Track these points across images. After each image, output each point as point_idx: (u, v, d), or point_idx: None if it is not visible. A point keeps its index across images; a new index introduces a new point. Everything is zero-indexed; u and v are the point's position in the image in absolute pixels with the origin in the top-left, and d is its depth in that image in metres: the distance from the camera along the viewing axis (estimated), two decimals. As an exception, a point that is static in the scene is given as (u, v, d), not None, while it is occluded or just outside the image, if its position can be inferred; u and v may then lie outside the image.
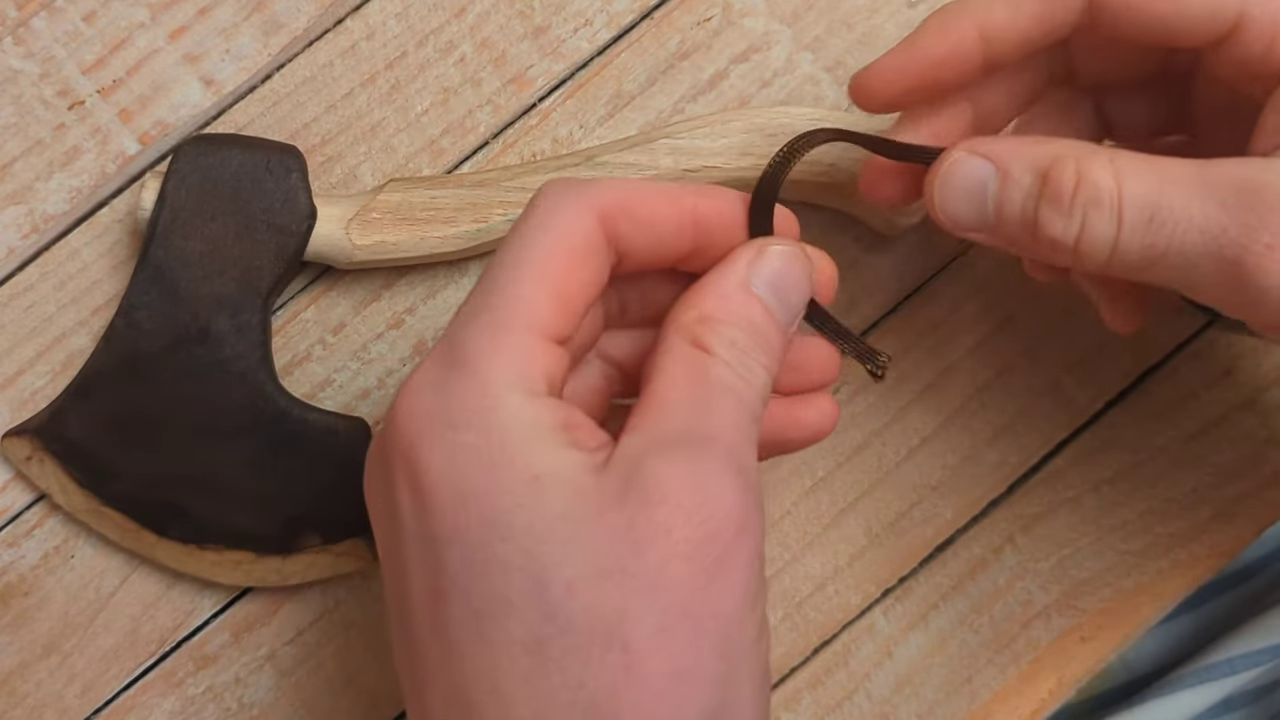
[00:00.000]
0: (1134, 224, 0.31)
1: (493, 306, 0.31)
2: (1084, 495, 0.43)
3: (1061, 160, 0.32)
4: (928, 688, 0.42)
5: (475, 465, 0.29)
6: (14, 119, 0.43)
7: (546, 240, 0.31)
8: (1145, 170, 0.31)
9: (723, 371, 0.31)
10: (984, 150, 0.33)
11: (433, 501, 0.29)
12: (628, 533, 0.28)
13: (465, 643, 0.29)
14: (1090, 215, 0.32)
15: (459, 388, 0.30)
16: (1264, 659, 0.46)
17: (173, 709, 0.42)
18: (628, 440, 0.30)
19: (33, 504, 0.42)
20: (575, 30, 0.44)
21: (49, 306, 0.43)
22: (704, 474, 0.29)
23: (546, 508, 0.29)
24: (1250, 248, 0.30)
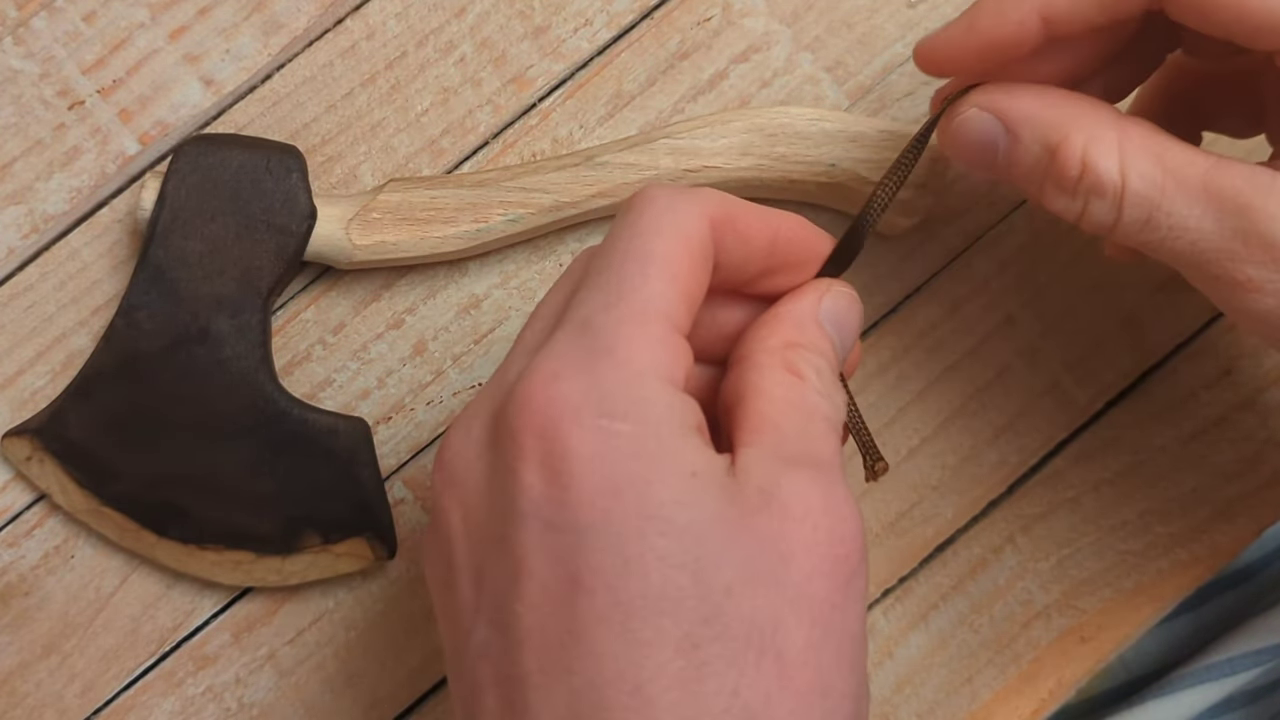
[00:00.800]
0: (1131, 219, 0.32)
1: (629, 298, 0.30)
2: (1084, 495, 0.43)
3: (1071, 140, 0.32)
4: (928, 688, 0.42)
5: (631, 454, 0.28)
6: (14, 119, 0.43)
7: (670, 239, 0.30)
8: (1152, 165, 0.31)
9: (818, 400, 0.31)
10: (999, 106, 0.33)
11: (579, 487, 0.28)
12: (777, 543, 0.28)
13: (606, 640, 0.27)
14: (1092, 202, 0.32)
15: (610, 375, 0.29)
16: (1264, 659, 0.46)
17: (173, 709, 0.42)
18: (750, 454, 0.30)
19: (33, 504, 0.42)
20: (575, 30, 0.44)
21: (49, 306, 0.43)
22: (836, 496, 0.29)
23: (704, 507, 0.28)
24: (1232, 276, 0.31)
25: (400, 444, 0.43)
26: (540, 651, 0.28)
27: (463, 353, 0.43)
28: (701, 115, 0.41)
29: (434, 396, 0.43)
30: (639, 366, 0.29)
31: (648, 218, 0.31)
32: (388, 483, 0.42)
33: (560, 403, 0.28)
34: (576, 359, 0.29)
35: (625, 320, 0.29)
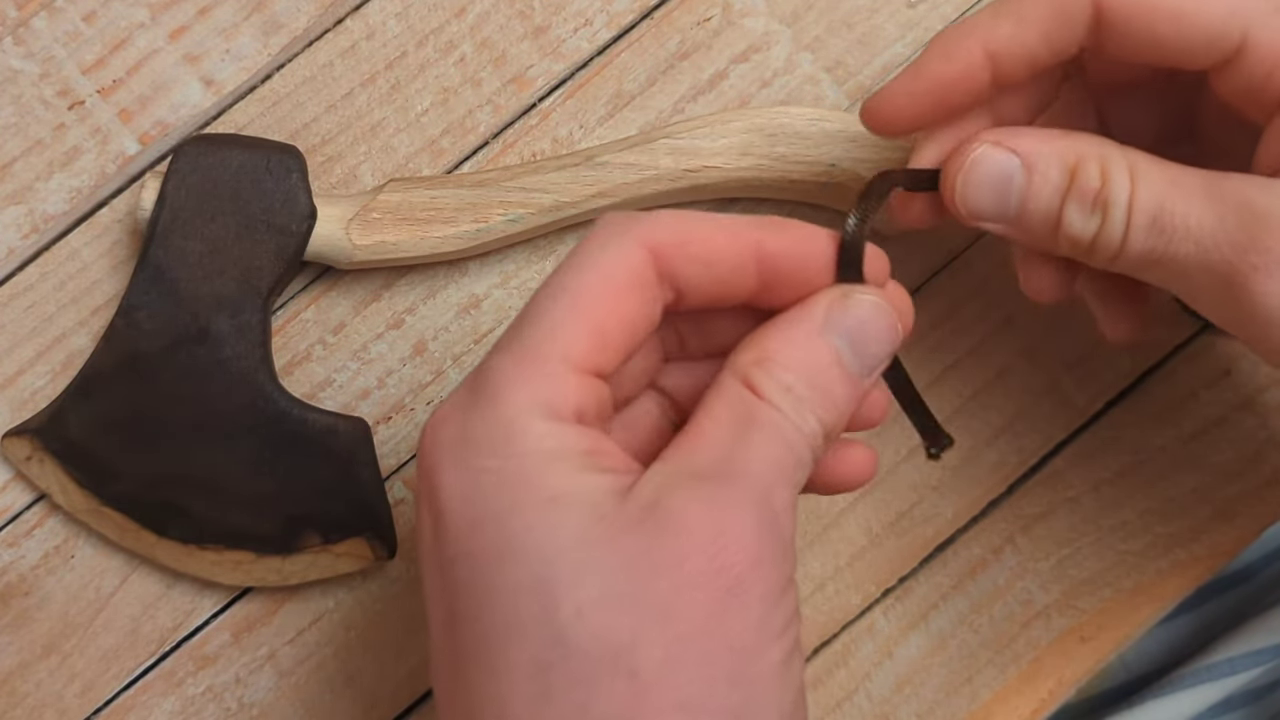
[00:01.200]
0: (1138, 226, 0.32)
1: (524, 336, 0.30)
2: (1084, 495, 0.43)
3: (1087, 158, 0.32)
4: (928, 688, 0.42)
5: (493, 489, 0.29)
6: (14, 119, 0.43)
7: (588, 273, 0.31)
8: (1157, 174, 0.32)
9: (771, 414, 0.30)
10: (1011, 143, 0.33)
11: (448, 525, 0.29)
12: (642, 559, 0.28)
13: (473, 669, 0.29)
14: (1107, 215, 0.32)
15: (482, 414, 0.30)
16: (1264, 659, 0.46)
17: (173, 709, 0.42)
18: (654, 469, 0.30)
19: (33, 504, 0.42)
20: (575, 30, 0.44)
21: (49, 306, 0.43)
22: (724, 508, 0.29)
23: (561, 530, 0.28)
24: (1238, 266, 0.31)
25: (400, 444, 0.43)
26: (442, 681, 0.30)
27: (463, 353, 0.43)
28: (701, 115, 0.41)
29: (434, 396, 0.43)
30: (512, 405, 0.30)
31: (580, 253, 0.31)
32: (388, 483, 0.42)
33: (440, 445, 0.30)
34: (461, 402, 0.30)
35: (510, 359, 0.30)
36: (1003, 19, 0.33)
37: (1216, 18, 0.32)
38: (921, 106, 0.35)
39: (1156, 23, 0.32)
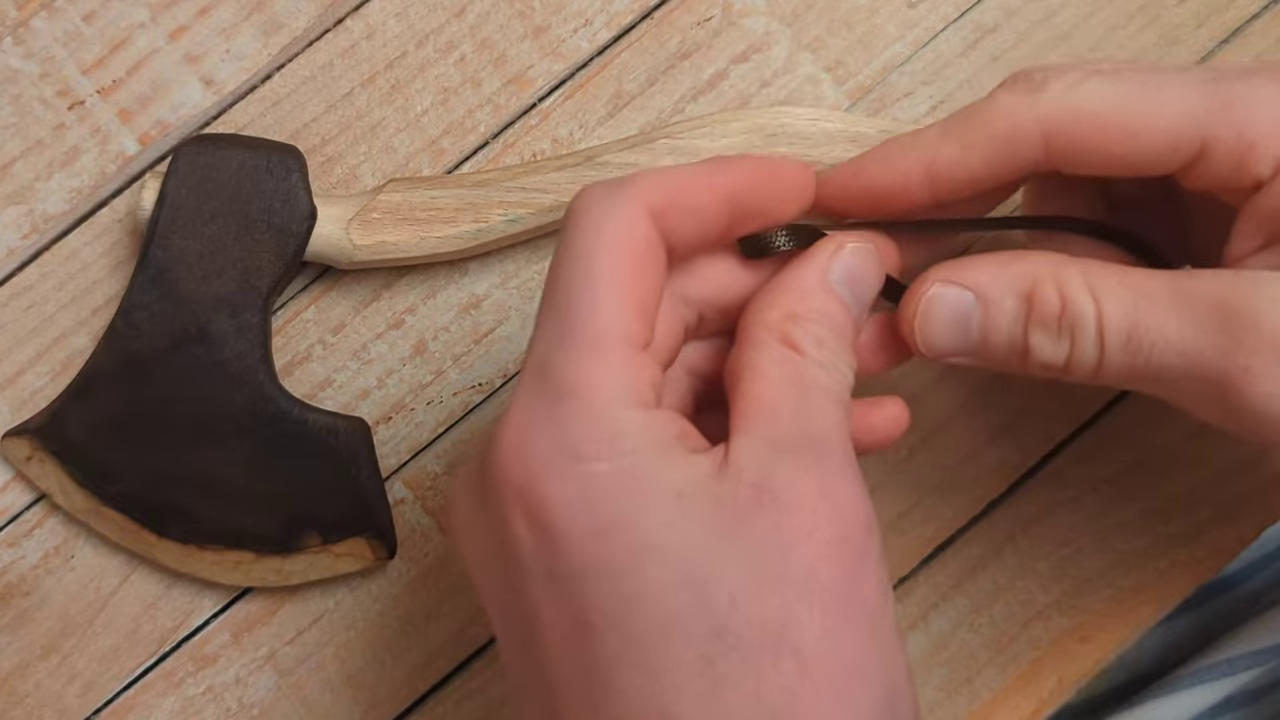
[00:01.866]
0: (1113, 346, 0.31)
1: (577, 325, 0.30)
2: (1084, 495, 0.43)
3: (1042, 282, 0.32)
4: (928, 688, 0.42)
5: (613, 493, 0.28)
6: (14, 119, 0.43)
7: (610, 250, 0.30)
8: (1120, 289, 0.31)
9: (818, 372, 0.31)
10: (962, 278, 0.33)
11: (567, 537, 0.28)
12: (775, 539, 0.28)
13: (625, 676, 0.28)
14: (1077, 337, 0.32)
15: (576, 417, 0.29)
16: (1264, 659, 0.46)
17: (173, 709, 0.42)
18: (742, 444, 0.30)
19: (33, 504, 0.42)
20: (575, 30, 0.44)
21: (49, 306, 0.43)
22: (831, 478, 0.29)
23: (695, 523, 0.28)
24: (1228, 370, 0.30)
25: (400, 444, 0.43)
26: (570, 695, 0.29)
27: (463, 353, 0.43)
28: (701, 115, 0.41)
29: (434, 396, 0.43)
30: (604, 400, 0.29)
31: (586, 233, 0.31)
32: (388, 483, 0.42)
33: (533, 457, 0.29)
34: (541, 407, 0.29)
35: (581, 355, 0.29)
36: (947, 141, 0.33)
37: (1171, 128, 0.31)
38: (858, 205, 0.35)
39: (1109, 143, 0.32)
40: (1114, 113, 0.31)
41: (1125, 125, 0.31)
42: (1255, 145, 0.31)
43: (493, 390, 0.43)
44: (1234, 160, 0.31)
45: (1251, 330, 0.30)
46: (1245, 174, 0.31)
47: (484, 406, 0.43)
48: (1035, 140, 0.32)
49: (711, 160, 0.33)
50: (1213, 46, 0.44)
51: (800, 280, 0.32)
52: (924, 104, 0.44)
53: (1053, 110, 0.32)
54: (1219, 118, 0.31)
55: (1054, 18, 0.44)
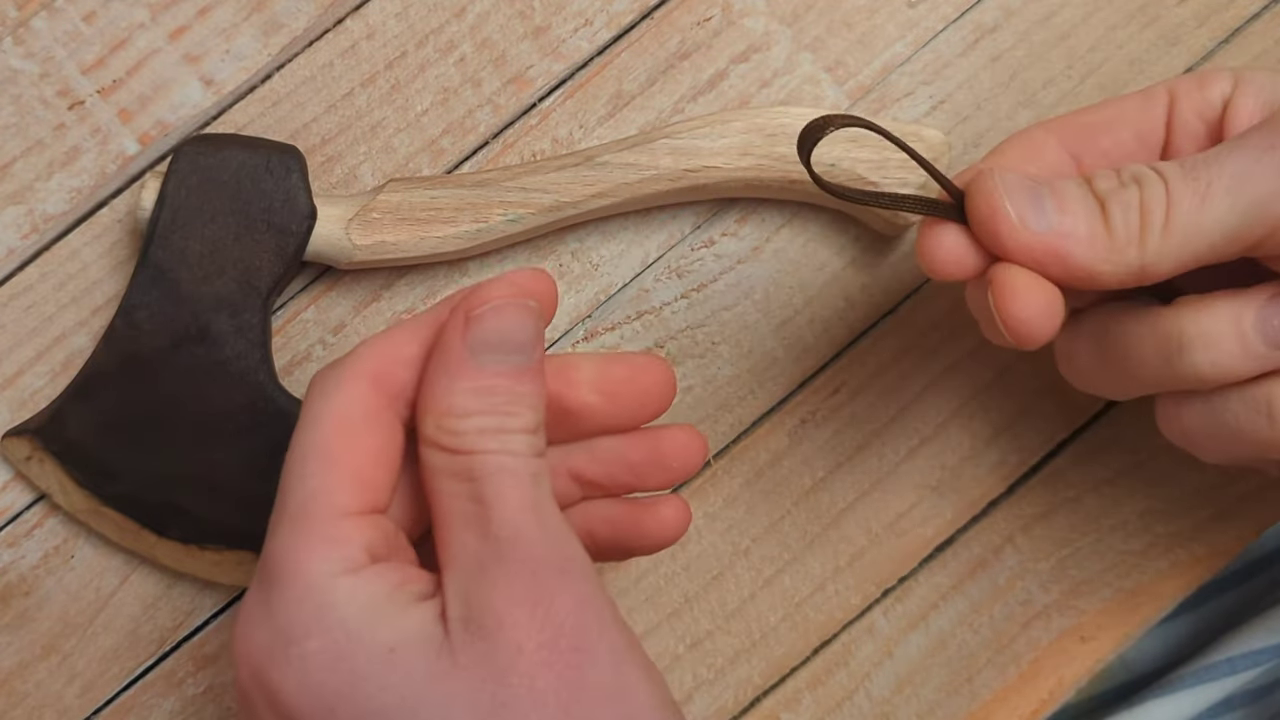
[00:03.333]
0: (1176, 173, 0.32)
1: (290, 508, 0.31)
2: (1084, 495, 0.43)
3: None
4: (928, 688, 0.42)
5: (329, 668, 0.29)
6: (14, 119, 0.43)
7: (323, 424, 0.31)
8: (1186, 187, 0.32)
9: (484, 462, 0.30)
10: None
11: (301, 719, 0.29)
12: (491, 667, 0.28)
13: None
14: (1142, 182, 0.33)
15: (285, 602, 0.30)
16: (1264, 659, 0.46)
17: (173, 709, 0.42)
18: (447, 581, 0.30)
19: (33, 504, 0.42)
20: (575, 30, 0.44)
21: (49, 306, 0.43)
22: (525, 580, 0.29)
23: (410, 676, 0.29)
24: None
25: (400, 444, 0.43)
26: None
27: (463, 353, 0.43)
28: (701, 115, 0.41)
29: (434, 396, 0.43)
30: (310, 575, 0.30)
31: (309, 409, 0.32)
32: (388, 483, 0.42)
33: (257, 651, 0.30)
34: (258, 600, 0.30)
35: (289, 534, 0.30)
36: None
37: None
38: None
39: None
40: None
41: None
42: None
43: (493, 390, 0.43)
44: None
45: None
46: None
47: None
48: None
49: (422, 314, 0.33)
50: (1213, 46, 0.44)
51: (442, 373, 0.31)
52: (924, 104, 0.44)
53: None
54: None
55: (1054, 18, 0.44)
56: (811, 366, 0.43)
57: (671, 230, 0.43)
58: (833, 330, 0.43)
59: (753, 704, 0.42)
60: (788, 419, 0.43)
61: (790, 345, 0.43)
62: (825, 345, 0.43)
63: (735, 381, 0.43)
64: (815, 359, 0.43)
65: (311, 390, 0.32)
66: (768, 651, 0.42)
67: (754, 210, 0.43)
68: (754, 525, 0.43)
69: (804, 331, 0.43)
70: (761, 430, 0.43)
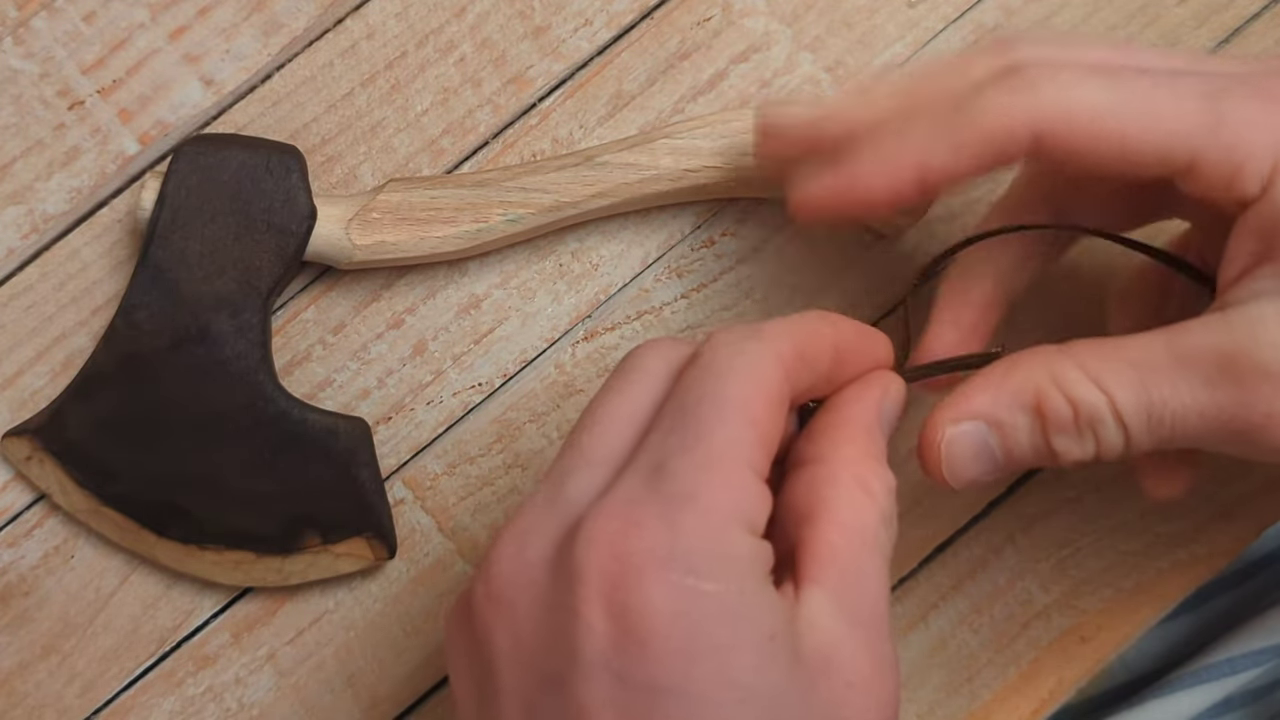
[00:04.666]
0: (1137, 429, 0.32)
1: (708, 441, 0.29)
2: (1084, 495, 0.43)
3: (1046, 392, 0.32)
4: (928, 688, 0.42)
5: (715, 617, 0.28)
6: (14, 119, 0.43)
7: (744, 383, 0.30)
8: (1126, 371, 0.31)
9: (881, 530, 0.31)
10: (966, 413, 0.33)
11: (658, 647, 0.27)
12: (837, 710, 0.29)
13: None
14: (1099, 432, 0.32)
15: (694, 527, 0.28)
16: (1264, 659, 0.46)
17: (173, 709, 0.42)
18: (816, 600, 0.30)
19: (33, 504, 0.42)
20: (575, 30, 0.44)
21: (49, 306, 0.43)
22: (884, 659, 0.30)
23: (779, 672, 0.28)
24: (1251, 420, 0.30)
25: (400, 444, 0.43)
26: None
27: (463, 353, 0.43)
28: (701, 115, 0.41)
29: (434, 396, 0.43)
30: (723, 515, 0.28)
31: (719, 362, 0.30)
32: (388, 483, 0.42)
33: (642, 554, 0.28)
34: (656, 506, 0.28)
35: (706, 465, 0.29)
36: (939, 143, 0.32)
37: (1162, 143, 0.31)
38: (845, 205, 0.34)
39: (1100, 151, 0.31)
40: (1108, 121, 0.31)
41: (1118, 136, 0.31)
42: (1243, 167, 0.30)
43: (492, 390, 0.43)
44: (1223, 179, 0.31)
45: (1263, 379, 0.30)
46: (1233, 192, 0.31)
47: (484, 406, 0.43)
48: (1025, 141, 0.31)
49: (818, 314, 0.33)
50: (1213, 46, 0.44)
51: (864, 417, 0.32)
52: (924, 104, 0.44)
53: (1046, 115, 0.31)
54: (1208, 137, 0.30)
55: (1054, 18, 0.44)
56: (811, 366, 0.43)
57: (671, 230, 0.43)
58: (833, 330, 0.43)
59: (753, 704, 0.42)
60: (788, 419, 0.43)
61: (790, 345, 0.43)
62: (825, 345, 0.43)
63: (735, 381, 0.43)
64: (815, 359, 0.43)
65: (722, 347, 0.31)
66: (768, 651, 0.42)
67: (754, 210, 0.43)
68: (754, 525, 0.43)
69: (804, 331, 0.43)
70: (761, 430, 0.43)
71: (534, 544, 0.30)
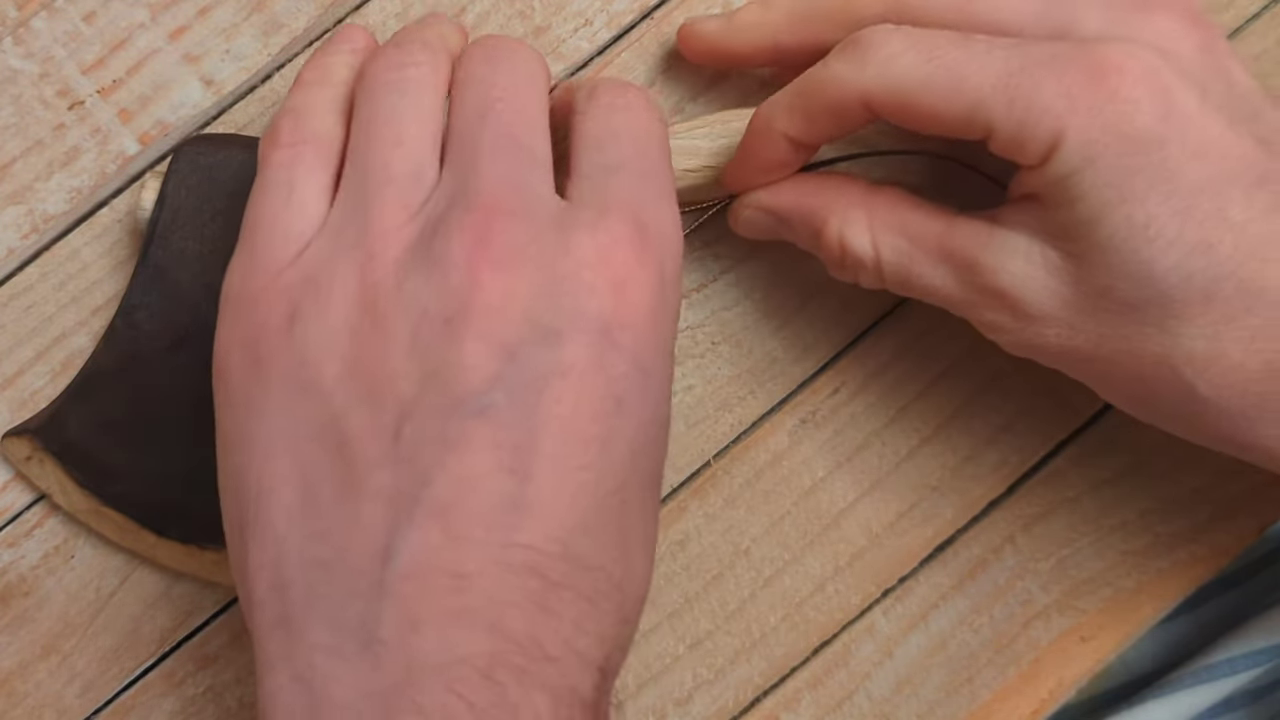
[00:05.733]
0: (894, 284, 0.37)
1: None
2: (1084, 495, 0.43)
3: (827, 226, 0.38)
4: (928, 688, 0.42)
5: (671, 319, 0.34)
6: (14, 119, 0.43)
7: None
8: (896, 236, 0.37)
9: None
10: (765, 205, 0.39)
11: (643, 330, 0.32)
12: None
13: (637, 462, 0.32)
14: (859, 273, 0.38)
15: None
16: (1264, 659, 0.46)
17: (173, 709, 0.42)
18: None
19: (33, 504, 0.42)
20: (575, 30, 0.44)
21: (49, 306, 0.43)
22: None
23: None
24: (980, 320, 0.36)
25: (400, 444, 0.43)
26: (565, 440, 0.30)
27: (463, 353, 0.43)
28: (701, 116, 0.41)
29: (434, 396, 0.43)
30: (675, 232, 0.35)
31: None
32: (388, 483, 0.42)
33: (637, 256, 0.32)
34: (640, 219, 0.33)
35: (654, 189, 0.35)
36: (795, 114, 0.37)
37: (963, 114, 0.34)
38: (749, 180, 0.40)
39: (916, 119, 0.35)
40: (920, 92, 0.34)
41: (929, 105, 0.34)
42: (1025, 142, 0.33)
43: (493, 390, 0.43)
44: (1014, 146, 0.34)
45: (995, 297, 0.35)
46: (1023, 159, 0.34)
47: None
48: (859, 108, 0.35)
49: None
50: (1213, 46, 0.44)
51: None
52: (924, 104, 0.44)
53: (871, 86, 0.35)
54: (1002, 110, 0.33)
55: (1054, 18, 0.44)
56: (811, 366, 0.43)
57: (671, 230, 0.43)
58: (833, 330, 0.43)
59: (753, 704, 0.42)
60: (788, 419, 0.43)
61: (790, 345, 0.43)
62: (825, 345, 0.43)
63: (735, 381, 0.43)
64: (815, 359, 0.43)
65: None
66: (768, 651, 0.42)
67: (754, 210, 0.43)
68: (754, 525, 0.43)
69: (804, 331, 0.43)
70: (761, 430, 0.43)
71: (538, 194, 0.33)
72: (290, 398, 0.31)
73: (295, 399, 0.31)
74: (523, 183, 0.32)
